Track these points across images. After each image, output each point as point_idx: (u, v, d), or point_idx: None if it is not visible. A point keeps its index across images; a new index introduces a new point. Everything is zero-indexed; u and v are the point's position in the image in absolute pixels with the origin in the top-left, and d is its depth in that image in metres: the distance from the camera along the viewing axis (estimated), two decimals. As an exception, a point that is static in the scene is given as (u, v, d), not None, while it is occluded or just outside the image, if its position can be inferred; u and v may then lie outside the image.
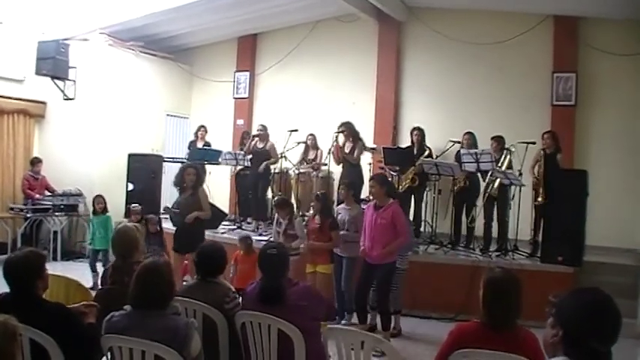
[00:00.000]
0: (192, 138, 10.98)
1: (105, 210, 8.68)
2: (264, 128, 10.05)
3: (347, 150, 8.89)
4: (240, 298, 3.87)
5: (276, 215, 7.25)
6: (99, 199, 8.67)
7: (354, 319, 6.95)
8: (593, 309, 1.94)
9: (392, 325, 6.44)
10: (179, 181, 7.35)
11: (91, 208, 8.99)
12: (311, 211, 9.59)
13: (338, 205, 7.73)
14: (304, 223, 7.51)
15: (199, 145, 10.59)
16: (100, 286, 4.40)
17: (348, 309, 7.01)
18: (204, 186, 7.55)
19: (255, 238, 8.00)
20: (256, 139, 9.98)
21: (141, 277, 3.12)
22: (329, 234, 6.77)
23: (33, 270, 3.18)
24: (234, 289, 3.96)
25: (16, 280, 3.17)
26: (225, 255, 4.10)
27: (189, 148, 10.77)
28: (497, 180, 7.86)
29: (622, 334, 1.94)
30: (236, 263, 6.85)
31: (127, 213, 8.14)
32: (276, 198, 8.45)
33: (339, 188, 8.15)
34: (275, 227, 7.25)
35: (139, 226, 4.34)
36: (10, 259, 3.24)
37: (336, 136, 8.83)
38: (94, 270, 8.40)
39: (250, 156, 9.80)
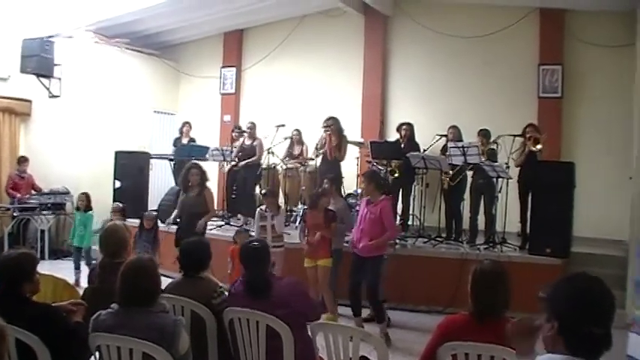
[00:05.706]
0: (177, 135, 10.95)
1: (88, 208, 8.66)
2: (253, 126, 10.06)
3: (333, 145, 8.91)
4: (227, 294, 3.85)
5: (260, 210, 7.23)
6: (81, 197, 8.70)
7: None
8: (585, 294, 1.90)
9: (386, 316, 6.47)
10: (184, 182, 7.25)
11: (77, 206, 8.96)
12: (299, 206, 9.65)
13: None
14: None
15: (184, 141, 10.55)
16: (87, 285, 4.36)
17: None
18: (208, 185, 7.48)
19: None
20: (245, 136, 9.98)
21: (126, 275, 3.10)
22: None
23: (23, 272, 3.16)
24: (221, 285, 3.95)
25: (4, 281, 3.14)
26: (209, 250, 4.06)
27: (174, 145, 10.73)
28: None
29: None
30: (233, 258, 6.78)
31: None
32: (264, 190, 8.46)
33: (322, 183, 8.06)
34: (258, 222, 7.15)
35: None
36: (1, 259, 3.22)
37: (327, 134, 8.85)
38: (77, 267, 8.48)
39: (240, 153, 9.81)
